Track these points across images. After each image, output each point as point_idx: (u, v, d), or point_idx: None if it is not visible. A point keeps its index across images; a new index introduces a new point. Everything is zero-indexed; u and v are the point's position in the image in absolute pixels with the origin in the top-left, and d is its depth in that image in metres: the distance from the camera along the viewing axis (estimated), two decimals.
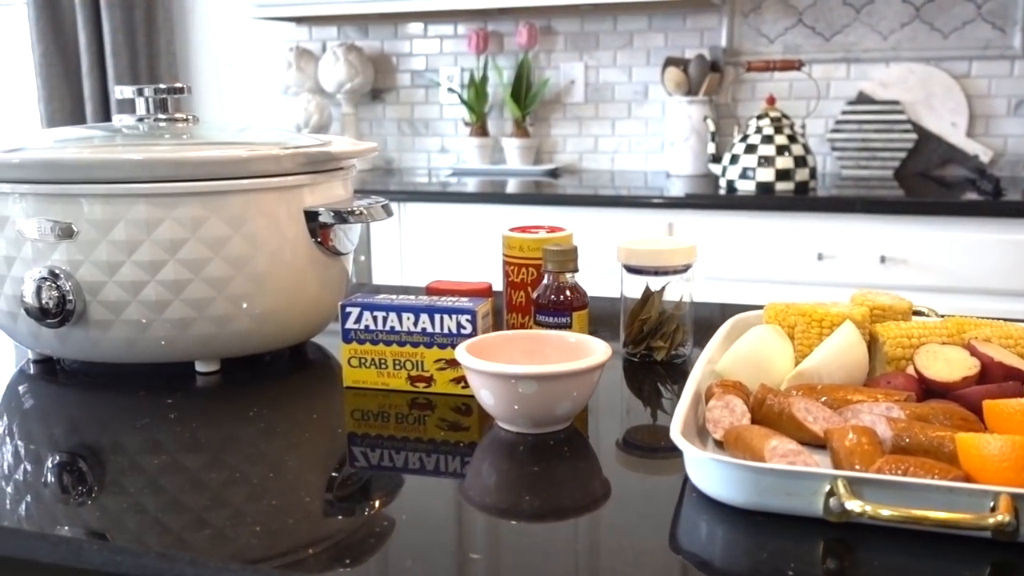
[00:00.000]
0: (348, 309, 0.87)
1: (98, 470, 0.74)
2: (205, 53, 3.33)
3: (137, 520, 0.65)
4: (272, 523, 0.64)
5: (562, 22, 2.96)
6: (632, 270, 0.94)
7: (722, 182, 2.45)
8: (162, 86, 0.98)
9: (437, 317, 0.84)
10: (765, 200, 2.30)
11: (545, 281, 0.91)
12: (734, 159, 2.41)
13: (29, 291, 0.86)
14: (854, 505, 0.55)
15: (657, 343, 0.94)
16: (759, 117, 2.42)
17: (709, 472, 0.62)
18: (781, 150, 2.36)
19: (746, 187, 2.38)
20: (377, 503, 0.67)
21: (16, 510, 0.67)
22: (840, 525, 0.59)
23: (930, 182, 2.53)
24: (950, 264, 2.17)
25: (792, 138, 2.38)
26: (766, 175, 2.35)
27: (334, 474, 0.72)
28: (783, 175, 2.35)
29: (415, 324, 0.85)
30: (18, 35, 3.47)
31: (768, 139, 2.37)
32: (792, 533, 0.60)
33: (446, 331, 0.84)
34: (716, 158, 2.50)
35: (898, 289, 2.20)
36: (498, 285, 1.03)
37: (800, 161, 2.36)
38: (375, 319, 0.86)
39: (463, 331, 0.84)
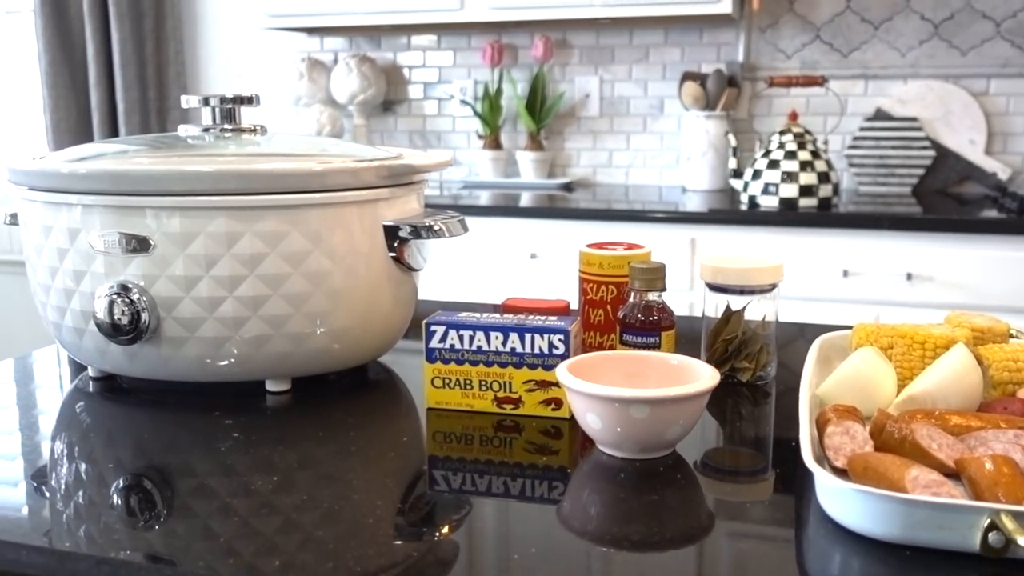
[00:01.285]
0: (433, 328, 0.84)
1: (166, 492, 0.71)
2: (214, 63, 3.30)
3: (206, 545, 0.62)
4: (347, 549, 0.61)
5: (578, 35, 2.95)
6: (716, 288, 0.92)
7: (743, 197, 2.44)
8: (228, 95, 0.95)
9: (528, 336, 0.81)
10: (789, 216, 2.28)
11: (631, 300, 0.88)
12: (756, 174, 2.40)
13: (101, 306, 0.83)
14: None
15: (742, 364, 0.91)
16: (782, 132, 2.41)
17: (850, 503, 0.60)
18: (804, 166, 2.34)
19: (769, 203, 2.36)
20: (458, 529, 0.64)
21: (76, 533, 0.64)
22: (994, 560, 0.57)
23: (948, 199, 2.53)
24: (977, 281, 2.16)
25: (815, 154, 2.37)
26: (789, 191, 2.33)
27: (412, 498, 0.69)
28: (806, 191, 2.33)
29: (504, 344, 0.82)
30: (25, 44, 3.42)
31: (791, 155, 2.36)
32: (944, 568, 0.57)
33: (537, 351, 0.81)
34: (737, 173, 2.49)
35: (924, 307, 2.19)
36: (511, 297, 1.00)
37: (823, 177, 2.35)
38: (461, 338, 0.83)
39: (555, 351, 0.81)
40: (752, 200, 2.40)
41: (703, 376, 0.74)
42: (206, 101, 0.95)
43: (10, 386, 0.96)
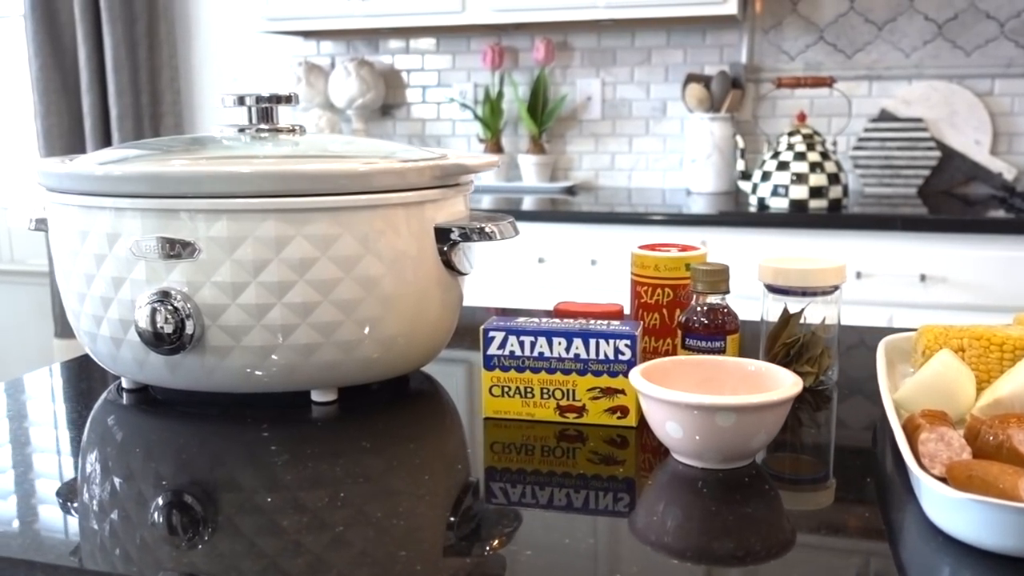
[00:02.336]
0: (491, 333, 0.80)
1: (210, 509, 0.67)
2: (208, 68, 3.25)
3: (252, 564, 0.58)
4: (401, 568, 0.57)
5: (579, 38, 2.92)
6: (776, 290, 0.89)
7: (752, 199, 2.41)
8: (264, 94, 0.91)
9: (592, 342, 0.78)
10: (801, 218, 2.26)
11: (693, 303, 0.85)
12: (765, 176, 2.37)
13: (143, 315, 0.78)
14: None
15: (803, 368, 0.88)
16: (790, 134, 2.39)
17: (964, 515, 0.57)
18: (814, 167, 2.32)
19: (778, 205, 2.34)
20: (509, 542, 0.61)
21: (112, 553, 0.60)
22: None
23: (954, 200, 2.51)
24: (991, 282, 2.14)
25: (824, 155, 2.35)
26: (799, 192, 2.31)
27: (469, 512, 0.66)
28: (816, 192, 2.31)
29: (567, 350, 0.79)
30: (15, 49, 3.36)
31: (801, 156, 2.34)
32: None
33: (602, 357, 0.78)
34: (746, 175, 2.46)
35: (939, 308, 2.17)
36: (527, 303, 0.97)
37: (833, 179, 2.33)
38: (522, 344, 0.80)
39: (621, 357, 0.78)
40: (761, 202, 2.38)
41: (784, 382, 0.70)
42: (241, 100, 0.91)
43: (32, 401, 0.92)
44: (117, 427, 0.83)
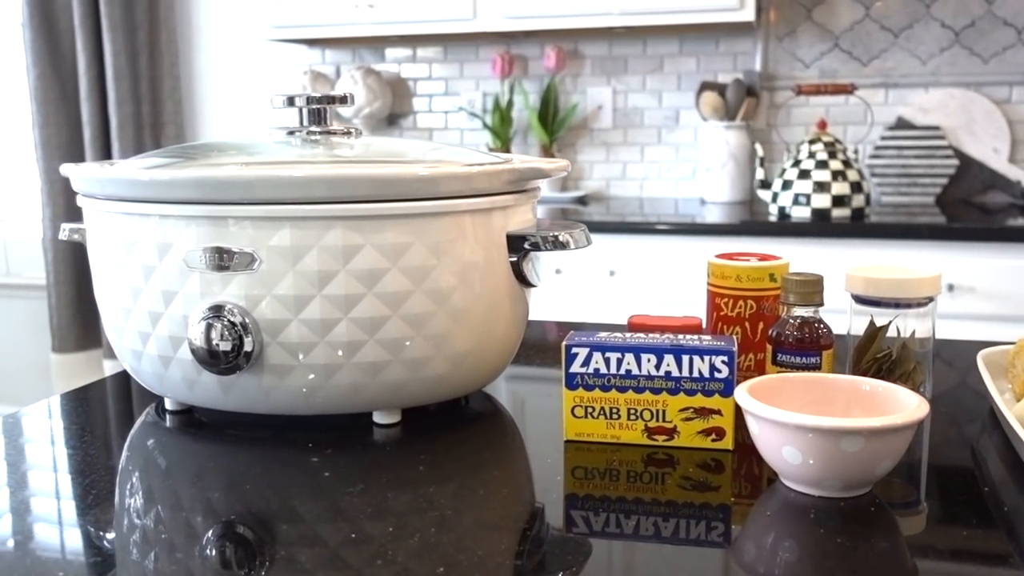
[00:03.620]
0: (575, 350, 0.74)
1: (268, 541, 0.61)
2: (210, 77, 3.19)
3: None
4: None
5: (590, 45, 2.87)
6: (867, 302, 0.83)
7: (772, 208, 2.37)
8: (315, 94, 0.85)
9: (685, 359, 0.72)
10: (826, 227, 2.21)
11: (784, 316, 0.79)
12: (786, 185, 2.33)
13: (197, 332, 0.72)
14: None
15: (896, 383, 0.83)
16: (811, 142, 2.34)
17: None
18: (836, 176, 2.28)
19: (800, 214, 2.29)
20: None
21: None
22: None
23: (973, 208, 2.47)
24: (1020, 292, 2.10)
25: (847, 163, 2.31)
26: (822, 201, 2.27)
27: (545, 541, 0.60)
28: (839, 201, 2.27)
29: (657, 367, 0.73)
30: (12, 57, 3.29)
31: (822, 164, 2.30)
32: None
33: (696, 375, 0.72)
34: (765, 184, 2.42)
35: (967, 319, 2.13)
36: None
37: (856, 187, 2.29)
38: (607, 362, 0.74)
39: (717, 375, 0.72)
40: (782, 211, 2.33)
41: (907, 403, 0.65)
42: (291, 101, 0.85)
43: (58, 427, 0.85)
44: (160, 452, 0.77)
